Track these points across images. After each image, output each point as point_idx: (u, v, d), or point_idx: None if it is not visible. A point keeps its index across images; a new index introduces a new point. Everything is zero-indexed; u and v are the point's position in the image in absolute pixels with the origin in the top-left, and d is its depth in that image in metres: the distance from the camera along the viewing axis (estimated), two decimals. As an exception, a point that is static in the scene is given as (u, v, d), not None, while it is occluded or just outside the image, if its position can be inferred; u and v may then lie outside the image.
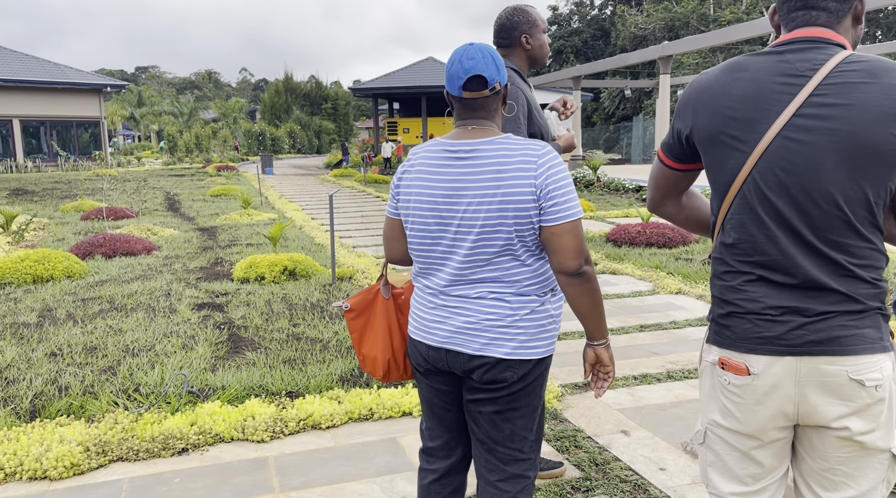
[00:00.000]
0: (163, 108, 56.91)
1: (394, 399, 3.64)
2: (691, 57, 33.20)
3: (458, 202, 1.75)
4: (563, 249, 1.70)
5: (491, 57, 1.74)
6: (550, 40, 2.88)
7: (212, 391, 3.85)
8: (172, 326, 5.11)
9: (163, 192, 18.51)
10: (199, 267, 7.62)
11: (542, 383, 1.85)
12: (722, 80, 1.50)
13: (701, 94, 1.53)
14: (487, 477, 1.90)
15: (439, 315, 1.82)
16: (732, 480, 1.60)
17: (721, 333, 1.55)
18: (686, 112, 1.57)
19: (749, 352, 1.49)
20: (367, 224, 11.74)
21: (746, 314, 1.50)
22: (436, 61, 36.10)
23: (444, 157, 1.79)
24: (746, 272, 1.51)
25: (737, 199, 1.50)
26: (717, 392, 1.58)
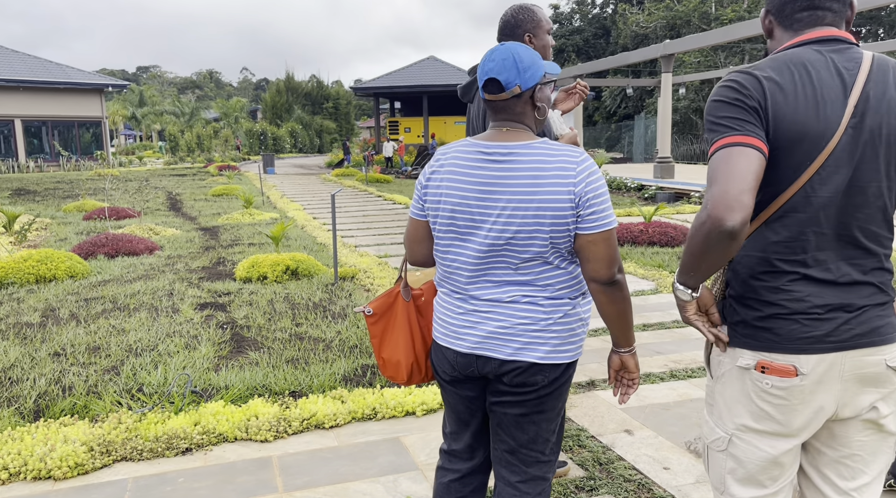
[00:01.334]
0: (164, 107, 56.96)
1: (397, 399, 3.64)
2: (693, 55, 33.15)
3: (492, 205, 1.71)
4: (598, 258, 1.67)
5: (513, 59, 1.70)
6: (554, 42, 2.86)
7: (215, 391, 3.85)
8: (175, 326, 5.12)
9: (164, 192, 18.52)
10: (201, 267, 7.63)
11: (568, 387, 1.84)
12: (792, 77, 1.47)
13: (776, 92, 1.45)
14: (508, 478, 1.88)
15: (469, 320, 1.79)
16: (752, 486, 1.59)
17: (758, 336, 1.52)
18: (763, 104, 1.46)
19: (798, 352, 1.48)
20: (368, 223, 11.74)
21: (793, 315, 1.48)
22: (437, 60, 36.08)
23: (478, 158, 1.75)
24: (790, 271, 1.49)
25: (796, 196, 1.47)
26: (751, 396, 1.54)
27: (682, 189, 15.05)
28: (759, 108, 1.45)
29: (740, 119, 1.45)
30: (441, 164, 1.82)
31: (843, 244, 1.49)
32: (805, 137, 1.44)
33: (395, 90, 34.29)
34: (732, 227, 1.37)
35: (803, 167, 1.45)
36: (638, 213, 11.45)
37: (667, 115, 18.78)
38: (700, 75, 28.71)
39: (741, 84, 1.47)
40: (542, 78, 1.74)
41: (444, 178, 1.79)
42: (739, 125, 1.44)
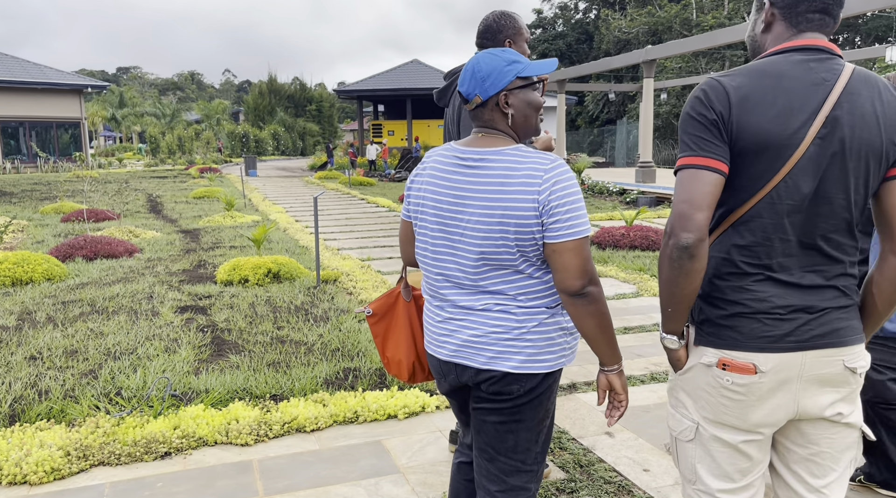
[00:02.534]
0: (145, 109, 56.42)
1: (379, 402, 3.63)
2: (674, 61, 33.50)
3: (462, 211, 1.71)
4: (565, 268, 1.63)
5: (472, 70, 1.71)
6: (534, 45, 2.89)
7: (195, 394, 3.81)
8: (155, 329, 5.06)
9: (145, 194, 18.34)
10: (181, 269, 7.56)
11: (549, 396, 1.79)
12: (763, 86, 1.49)
13: (743, 100, 1.48)
14: (487, 487, 1.85)
15: (446, 328, 1.79)
16: (721, 477, 1.62)
17: (720, 335, 1.56)
18: (726, 115, 1.48)
19: (758, 351, 1.52)
20: (351, 226, 11.71)
21: (755, 314, 1.52)
22: (421, 64, 36.12)
23: (454, 163, 1.76)
24: (754, 273, 1.53)
25: (761, 202, 1.51)
26: (712, 392, 1.59)
27: (664, 193, 15.19)
28: (719, 120, 1.49)
29: (701, 137, 1.50)
30: (424, 167, 1.84)
31: (808, 251, 1.52)
32: (769, 146, 1.47)
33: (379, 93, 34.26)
34: (688, 244, 1.45)
35: (768, 175, 1.49)
36: (620, 217, 11.53)
37: (648, 119, 18.95)
38: (681, 81, 28.99)
39: (706, 95, 1.52)
40: (509, 83, 1.71)
41: (425, 182, 1.81)
42: (699, 144, 1.50)
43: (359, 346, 4.62)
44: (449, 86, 2.86)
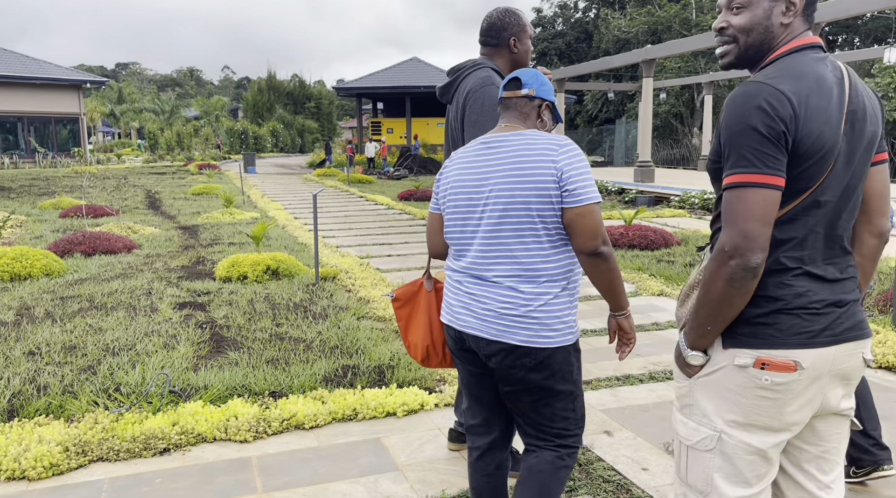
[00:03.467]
0: (143, 105, 56.30)
1: (378, 399, 3.63)
2: (673, 61, 33.48)
3: (484, 184, 1.94)
4: (583, 231, 1.84)
5: (535, 73, 2.06)
6: (534, 43, 2.90)
7: (194, 391, 3.81)
8: (154, 325, 5.06)
9: (143, 190, 18.31)
10: (180, 266, 7.55)
11: (571, 369, 1.96)
12: (811, 89, 1.48)
13: (803, 107, 1.46)
14: (535, 445, 2.06)
15: (463, 301, 1.99)
16: (740, 484, 1.60)
17: (758, 333, 1.53)
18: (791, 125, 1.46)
19: (799, 347, 1.51)
20: (350, 224, 11.71)
21: (794, 309, 1.52)
22: (420, 61, 36.09)
23: (478, 148, 2.02)
24: (794, 267, 1.53)
25: (806, 201, 1.51)
26: (745, 393, 1.55)
27: (662, 193, 15.19)
28: (787, 131, 1.45)
29: (765, 152, 1.44)
30: (452, 159, 2.09)
31: (830, 244, 1.56)
32: (825, 150, 1.49)
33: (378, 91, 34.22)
34: (756, 265, 1.46)
35: (818, 176, 1.50)
36: (619, 216, 11.53)
37: (647, 119, 18.95)
38: (680, 80, 29.01)
39: (771, 105, 1.45)
40: (550, 102, 2.06)
41: (452, 171, 2.06)
42: (764, 160, 1.44)
43: (357, 343, 4.62)
44: (452, 82, 2.84)
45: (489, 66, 2.76)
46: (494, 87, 2.66)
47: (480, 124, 2.63)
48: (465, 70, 2.80)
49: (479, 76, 2.71)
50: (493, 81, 2.67)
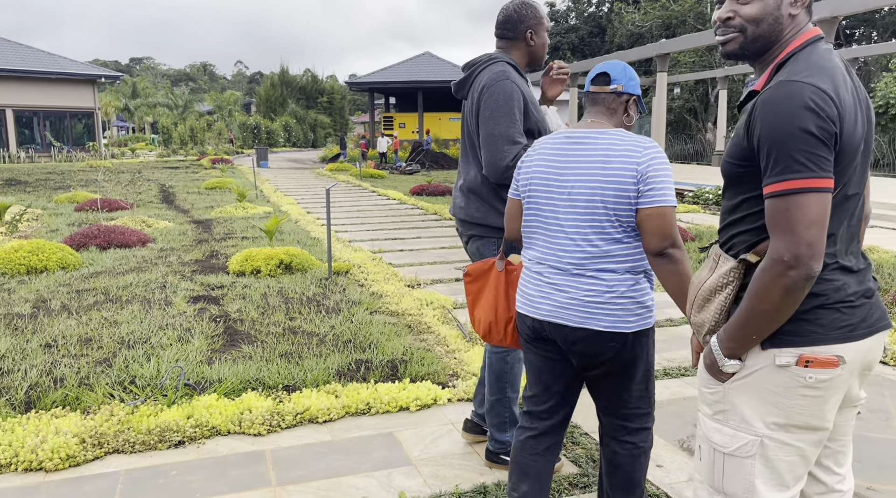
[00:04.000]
0: (157, 99, 56.63)
1: (391, 394, 3.64)
2: (688, 55, 33.22)
3: (566, 179, 2.01)
4: (653, 231, 1.89)
5: (623, 67, 2.08)
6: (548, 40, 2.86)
7: (208, 384, 3.83)
8: (168, 319, 5.09)
9: (157, 185, 18.43)
10: (194, 259, 7.59)
11: (646, 352, 2.06)
12: (841, 86, 1.46)
13: (843, 105, 1.43)
14: (613, 434, 2.17)
15: (543, 291, 2.06)
16: (779, 487, 1.57)
17: (800, 331, 1.49)
18: (839, 126, 1.43)
19: (841, 341, 1.48)
20: (362, 219, 11.72)
21: (834, 304, 1.49)
22: (433, 56, 36.04)
23: (563, 141, 2.08)
24: (829, 262, 1.51)
25: (839, 195, 1.50)
26: (787, 393, 1.50)
27: (676, 188, 15.04)
28: (837, 132, 1.41)
29: (820, 156, 1.40)
30: (535, 149, 2.16)
31: (850, 235, 1.54)
32: (857, 146, 1.47)
33: (390, 85, 34.20)
34: (818, 273, 1.42)
35: (849, 172, 1.48)
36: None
37: (662, 114, 18.82)
38: (695, 75, 28.78)
39: (821, 107, 1.40)
40: (637, 97, 2.10)
41: (534, 161, 2.12)
42: (819, 164, 1.40)
43: (370, 338, 4.63)
44: (467, 78, 2.82)
45: (504, 60, 2.73)
46: (509, 81, 2.63)
47: (495, 120, 2.61)
48: (480, 65, 2.78)
49: (493, 71, 2.68)
50: (508, 76, 2.65)
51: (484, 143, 2.65)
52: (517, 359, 2.86)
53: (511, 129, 2.59)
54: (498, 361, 2.84)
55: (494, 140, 2.60)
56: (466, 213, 2.78)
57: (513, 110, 2.60)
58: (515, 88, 2.62)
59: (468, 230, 2.82)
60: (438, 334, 4.76)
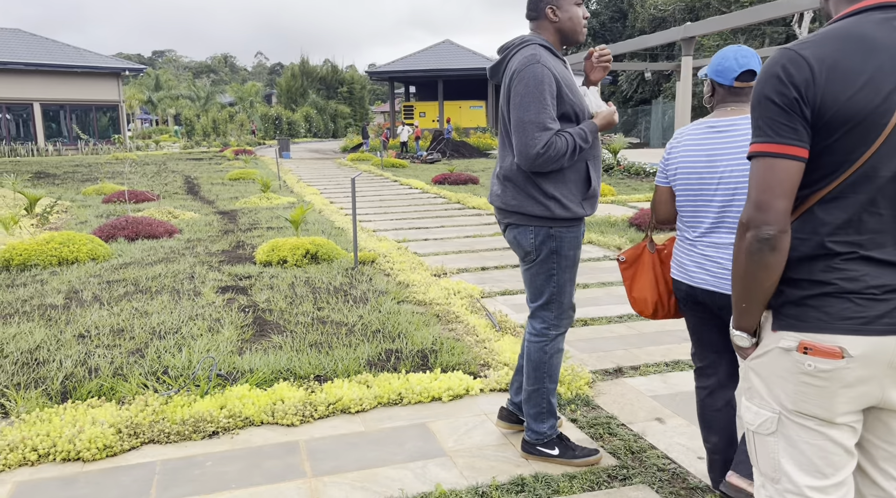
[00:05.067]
0: (180, 92, 57.10)
1: (422, 384, 3.61)
2: (712, 39, 32.63)
3: (716, 166, 2.19)
4: None
5: (758, 59, 2.20)
6: (588, 13, 2.74)
7: (240, 374, 3.83)
8: (197, 309, 5.11)
9: (182, 176, 18.58)
10: (220, 250, 7.63)
11: None
12: (849, 51, 1.38)
13: (830, 72, 1.37)
14: None
15: (696, 261, 2.27)
16: (811, 472, 1.51)
17: (804, 316, 1.45)
18: (809, 91, 1.39)
19: (847, 333, 1.41)
20: (385, 208, 11.70)
21: (846, 294, 1.41)
22: (452, 44, 35.82)
23: (706, 131, 2.26)
24: (845, 252, 1.42)
25: (853, 177, 1.40)
26: (790, 378, 1.48)
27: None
28: (801, 98, 1.39)
29: (777, 121, 1.41)
30: (678, 141, 2.35)
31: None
32: (863, 119, 1.36)
33: (410, 74, 34.09)
34: (769, 235, 1.41)
35: (862, 148, 1.38)
36: (658, 198, 11.31)
37: (686, 99, 18.52)
38: (720, 59, 28.22)
39: (786, 71, 1.40)
40: None
41: (680, 151, 2.31)
42: (776, 129, 1.42)
43: (399, 327, 4.60)
44: (501, 62, 2.75)
45: (536, 42, 2.65)
46: (539, 65, 2.53)
47: (525, 106, 2.52)
48: (513, 48, 2.70)
49: (524, 55, 2.60)
50: (539, 59, 2.55)
51: (515, 130, 2.58)
52: (556, 349, 2.81)
53: (542, 114, 2.51)
54: (537, 351, 2.79)
55: (525, 127, 2.53)
56: (503, 200, 2.72)
57: (543, 95, 2.52)
58: (546, 72, 2.53)
59: (505, 218, 2.76)
60: (467, 324, 4.72)
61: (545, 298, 2.74)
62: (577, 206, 2.66)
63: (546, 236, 2.66)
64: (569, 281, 2.74)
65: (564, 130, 2.56)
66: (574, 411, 3.38)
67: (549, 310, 2.76)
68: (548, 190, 2.62)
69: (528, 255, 2.72)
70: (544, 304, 2.76)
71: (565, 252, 2.68)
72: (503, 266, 6.78)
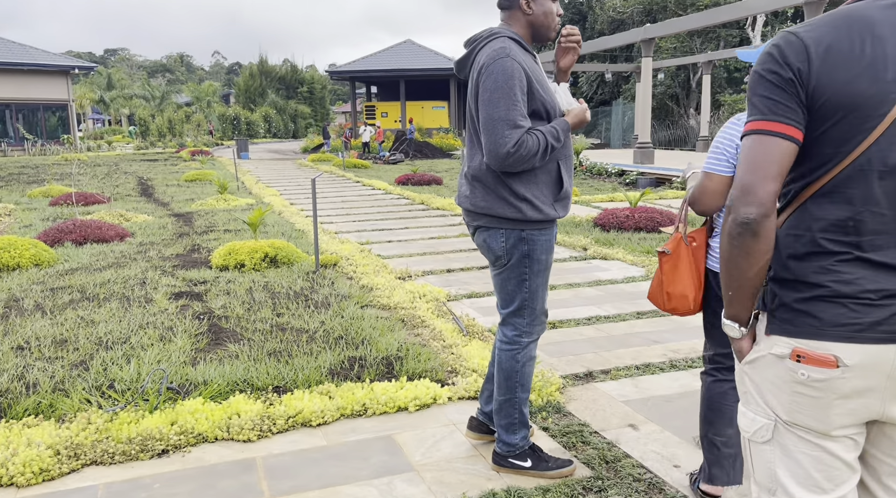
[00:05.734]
0: (133, 91, 55.59)
1: (388, 394, 3.44)
2: (669, 41, 33.12)
3: None
4: None
5: None
6: (561, 13, 2.61)
7: (193, 387, 3.61)
8: (148, 317, 4.85)
9: (135, 177, 18.00)
10: (175, 254, 7.32)
11: None
12: (849, 35, 1.29)
13: (826, 53, 1.29)
14: None
15: None
16: (809, 486, 1.41)
17: (797, 321, 1.35)
18: (804, 72, 1.31)
19: (841, 340, 1.30)
20: (347, 209, 11.47)
21: (839, 298, 1.31)
22: (414, 44, 35.67)
23: None
24: (840, 252, 1.32)
25: (849, 169, 1.30)
26: (784, 387, 1.38)
27: (664, 174, 14.98)
28: (796, 78, 1.31)
29: (771, 99, 1.33)
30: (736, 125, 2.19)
31: None
32: (859, 104, 1.27)
33: (372, 74, 33.83)
34: (749, 219, 1.31)
35: (859, 138, 1.28)
36: (622, 198, 11.33)
37: (647, 100, 18.69)
38: (676, 61, 28.73)
39: (781, 50, 1.33)
40: None
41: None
42: (770, 107, 1.33)
43: (363, 333, 4.42)
44: (468, 55, 2.60)
45: (506, 34, 2.51)
46: (509, 59, 2.40)
47: (494, 102, 2.38)
48: (481, 41, 2.55)
49: (492, 48, 2.46)
50: (508, 53, 2.41)
51: (484, 128, 2.43)
52: (529, 357, 2.68)
53: (512, 111, 2.37)
54: (508, 360, 2.65)
55: (494, 124, 2.39)
56: (471, 202, 2.57)
57: (513, 91, 2.38)
58: (516, 66, 2.40)
59: (474, 221, 2.61)
60: (434, 328, 4.56)
61: (517, 304, 2.61)
62: (550, 208, 2.53)
63: (517, 239, 2.52)
64: (541, 286, 2.60)
65: (536, 128, 2.43)
66: (545, 419, 3.26)
67: (522, 316, 2.62)
68: (519, 191, 2.48)
69: (499, 259, 2.58)
70: (516, 310, 2.62)
71: (537, 256, 2.55)
72: (469, 268, 6.64)
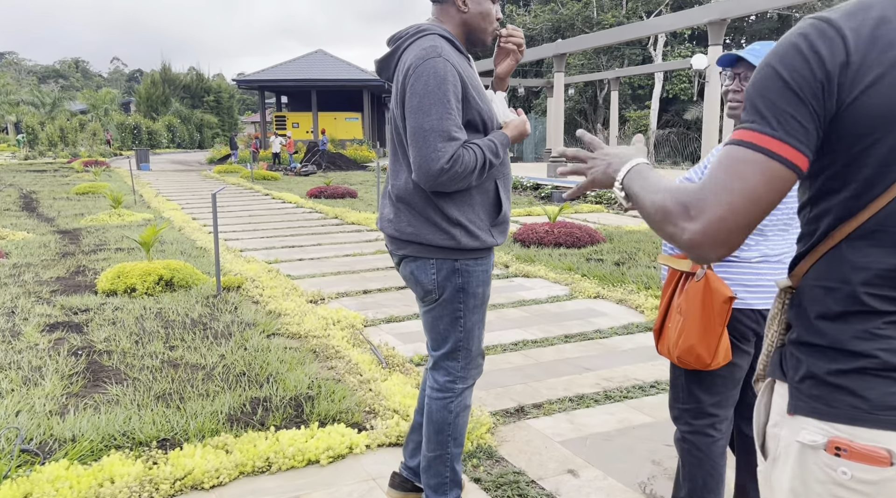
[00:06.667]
0: (21, 97, 51.79)
1: (296, 444, 2.98)
2: (577, 58, 34.08)
3: None
4: None
5: None
6: (501, 17, 2.25)
7: (58, 445, 3.02)
8: (12, 355, 4.15)
9: (17, 190, 16.48)
10: (55, 277, 6.52)
11: None
12: (888, 24, 0.96)
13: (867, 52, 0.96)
14: None
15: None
16: None
17: (833, 400, 1.02)
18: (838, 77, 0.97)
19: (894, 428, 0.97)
20: (255, 225, 10.80)
21: (891, 371, 0.98)
22: (326, 54, 35.02)
23: None
24: (891, 311, 1.00)
25: (891, 205, 0.98)
26: (821, 491, 1.03)
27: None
28: (826, 85, 0.96)
29: (786, 111, 0.98)
30: None
31: None
32: None
33: (282, 84, 32.95)
34: (708, 259, 1.03)
35: None
36: (541, 211, 11.23)
37: (559, 114, 18.92)
38: (584, 77, 29.55)
39: (812, 45, 0.98)
40: None
41: None
42: (781, 120, 0.98)
43: (268, 368, 3.93)
44: (391, 54, 2.22)
45: (436, 32, 2.15)
46: (441, 59, 2.04)
47: (424, 110, 2.01)
48: (407, 38, 2.18)
49: (422, 47, 2.09)
50: (441, 52, 2.06)
51: (412, 140, 2.06)
52: (463, 406, 2.31)
53: (446, 121, 2.01)
54: (440, 410, 2.27)
55: (425, 136, 2.02)
56: (396, 227, 2.18)
57: (447, 97, 2.02)
58: (450, 68, 2.04)
59: (399, 249, 2.22)
60: (349, 360, 4.13)
61: (450, 345, 2.23)
62: (487, 235, 2.18)
63: (450, 271, 2.15)
64: (478, 323, 2.25)
65: (472, 142, 2.08)
66: (476, 467, 2.90)
67: (456, 359, 2.25)
68: (452, 215, 2.11)
69: (429, 294, 2.20)
70: (449, 352, 2.25)
71: (473, 289, 2.19)
72: (387, 288, 6.23)
